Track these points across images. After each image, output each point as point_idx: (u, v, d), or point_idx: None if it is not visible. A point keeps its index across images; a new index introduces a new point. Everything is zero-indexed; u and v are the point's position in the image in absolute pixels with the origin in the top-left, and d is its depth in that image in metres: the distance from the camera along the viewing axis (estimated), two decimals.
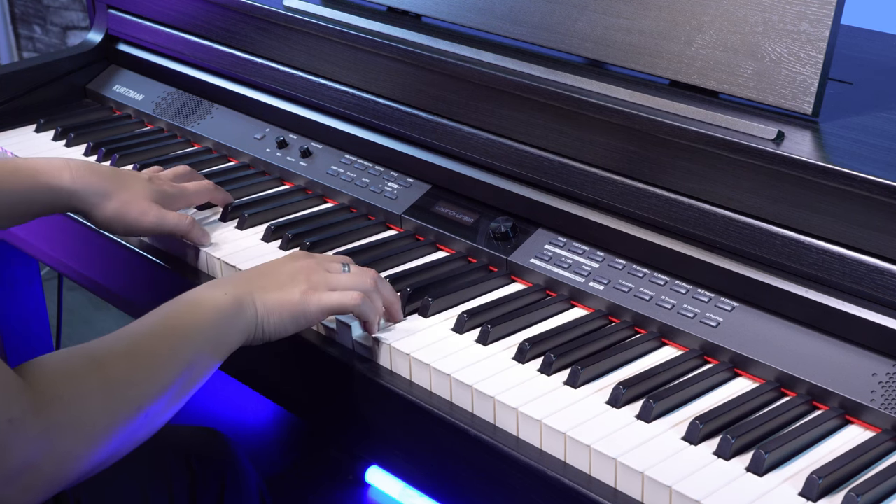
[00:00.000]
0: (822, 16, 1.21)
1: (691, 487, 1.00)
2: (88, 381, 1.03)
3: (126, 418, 1.05)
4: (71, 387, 1.01)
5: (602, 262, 1.30)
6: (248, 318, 1.18)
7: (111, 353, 1.07)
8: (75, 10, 3.99)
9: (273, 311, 1.19)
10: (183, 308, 1.16)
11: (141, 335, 1.11)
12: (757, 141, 1.19)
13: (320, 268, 1.25)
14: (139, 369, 1.08)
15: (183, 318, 1.14)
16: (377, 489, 2.03)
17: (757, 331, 1.17)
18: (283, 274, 1.23)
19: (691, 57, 1.31)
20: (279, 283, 1.21)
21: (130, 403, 1.06)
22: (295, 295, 1.20)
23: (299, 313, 1.21)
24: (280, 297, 1.20)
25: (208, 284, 1.21)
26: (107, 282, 1.62)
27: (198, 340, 1.13)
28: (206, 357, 1.14)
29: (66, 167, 1.39)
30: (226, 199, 1.55)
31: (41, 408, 0.97)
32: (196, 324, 1.14)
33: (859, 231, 1.11)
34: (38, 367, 1.02)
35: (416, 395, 1.18)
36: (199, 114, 1.83)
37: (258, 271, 1.25)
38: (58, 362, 1.04)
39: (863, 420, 1.09)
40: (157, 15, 1.90)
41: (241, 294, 1.18)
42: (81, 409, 1.01)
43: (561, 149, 1.36)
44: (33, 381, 0.99)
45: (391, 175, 1.54)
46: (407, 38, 1.53)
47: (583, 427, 1.08)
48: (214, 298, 1.17)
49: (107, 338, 1.10)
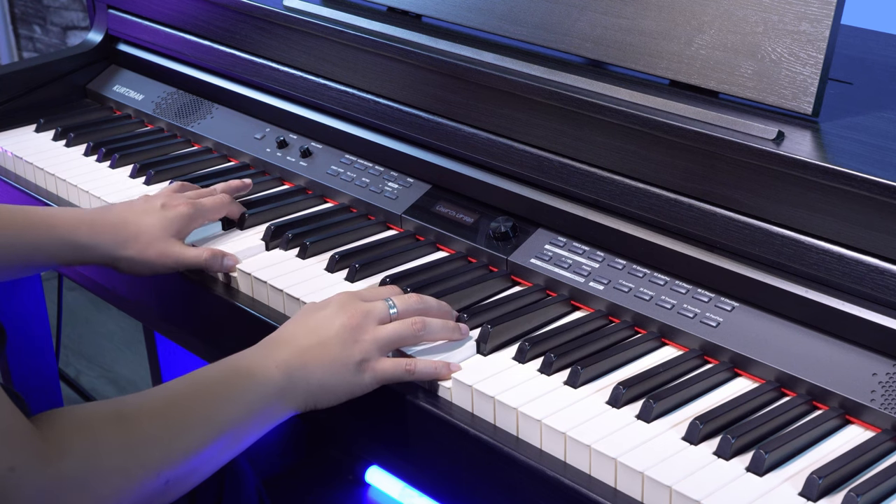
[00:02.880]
0: (822, 16, 1.21)
1: (691, 487, 1.00)
2: (108, 437, 0.99)
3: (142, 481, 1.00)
4: (87, 441, 0.97)
5: (602, 262, 1.30)
6: (298, 393, 1.13)
7: (140, 410, 1.03)
8: (75, 10, 3.99)
9: (327, 386, 1.14)
10: (230, 376, 1.10)
11: (178, 397, 1.06)
12: (757, 141, 1.19)
13: (369, 321, 1.17)
14: (167, 430, 1.03)
15: (228, 386, 1.09)
16: (377, 489, 2.03)
17: (757, 331, 1.17)
18: (333, 339, 1.15)
19: (691, 57, 1.31)
20: (331, 354, 1.14)
21: (150, 466, 1.01)
22: (350, 369, 1.14)
23: (355, 386, 1.15)
24: (334, 369, 1.14)
25: (260, 349, 1.15)
26: (107, 282, 1.62)
27: (239, 414, 1.08)
28: (244, 431, 1.09)
29: (82, 221, 1.36)
30: (239, 211, 1.51)
31: (50, 460, 0.94)
32: (240, 396, 1.09)
33: (859, 231, 1.11)
34: (59, 416, 0.98)
35: (416, 395, 1.18)
36: (199, 114, 1.83)
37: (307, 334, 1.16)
38: (80, 413, 1.00)
39: (863, 420, 1.09)
40: (157, 15, 1.90)
41: (292, 367, 1.12)
42: (95, 467, 0.97)
43: (561, 149, 1.36)
44: (47, 431, 0.95)
45: (391, 175, 1.54)
46: (407, 38, 1.53)
47: (583, 427, 1.08)
48: (265, 373, 1.11)
49: (142, 393, 1.06)
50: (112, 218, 1.39)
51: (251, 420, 1.10)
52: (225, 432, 1.07)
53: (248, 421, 1.09)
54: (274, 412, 1.12)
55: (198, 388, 1.08)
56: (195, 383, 1.09)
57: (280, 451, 2.14)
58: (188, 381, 1.09)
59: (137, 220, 1.38)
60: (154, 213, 1.40)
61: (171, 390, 1.07)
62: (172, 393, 1.07)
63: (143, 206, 1.41)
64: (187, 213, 1.41)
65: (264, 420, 1.11)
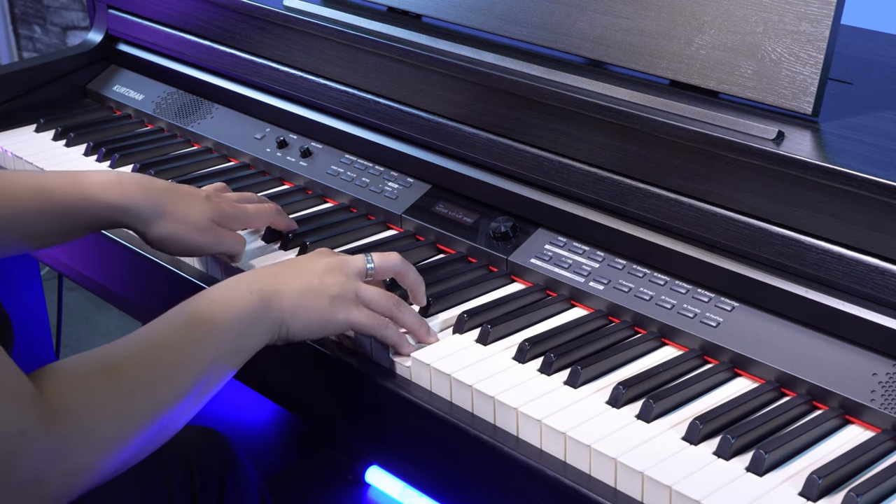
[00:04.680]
0: (822, 16, 1.21)
1: (691, 487, 1.00)
2: (101, 392, 1.00)
3: (138, 429, 1.02)
4: (83, 398, 0.99)
5: (602, 262, 1.30)
6: (272, 317, 1.14)
7: (126, 361, 1.04)
8: (75, 10, 3.99)
9: (300, 312, 1.16)
10: (203, 308, 1.11)
11: (158, 340, 1.07)
12: (757, 141, 1.19)
13: (349, 267, 1.21)
14: (154, 379, 1.04)
15: (203, 321, 1.10)
16: (377, 489, 2.03)
17: (757, 331, 1.17)
18: (309, 271, 1.18)
19: (691, 57, 1.31)
20: (307, 282, 1.17)
21: (144, 415, 1.02)
22: (325, 300, 1.17)
23: (327, 321, 1.17)
24: (309, 297, 1.16)
25: (232, 281, 1.16)
26: (107, 282, 1.62)
27: (218, 345, 1.09)
28: (225, 362, 1.10)
29: (117, 182, 1.33)
30: (289, 226, 1.46)
31: (53, 419, 0.95)
32: (217, 327, 1.10)
33: (859, 231, 1.11)
34: (51, 375, 0.99)
35: (416, 395, 1.18)
36: (199, 114, 1.83)
37: (284, 265, 1.20)
38: (71, 371, 1.01)
39: (863, 420, 1.09)
40: (157, 15, 1.90)
41: (266, 291, 1.14)
42: (93, 422, 0.99)
43: (561, 149, 1.36)
44: (46, 391, 0.96)
45: (391, 175, 1.54)
46: (407, 38, 1.53)
47: (583, 427, 1.08)
48: (238, 298, 1.13)
49: (123, 342, 1.07)
50: (152, 183, 1.36)
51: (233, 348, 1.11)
52: (208, 368, 1.08)
53: (229, 349, 1.11)
54: (250, 340, 1.13)
55: (175, 330, 1.09)
56: (172, 325, 1.10)
57: (280, 451, 2.14)
58: (165, 323, 1.10)
59: (180, 196, 1.36)
60: (199, 197, 1.37)
61: (151, 336, 1.08)
62: (152, 338, 1.08)
63: (189, 188, 1.39)
64: (230, 213, 1.39)
65: (241, 351, 1.12)
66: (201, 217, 1.35)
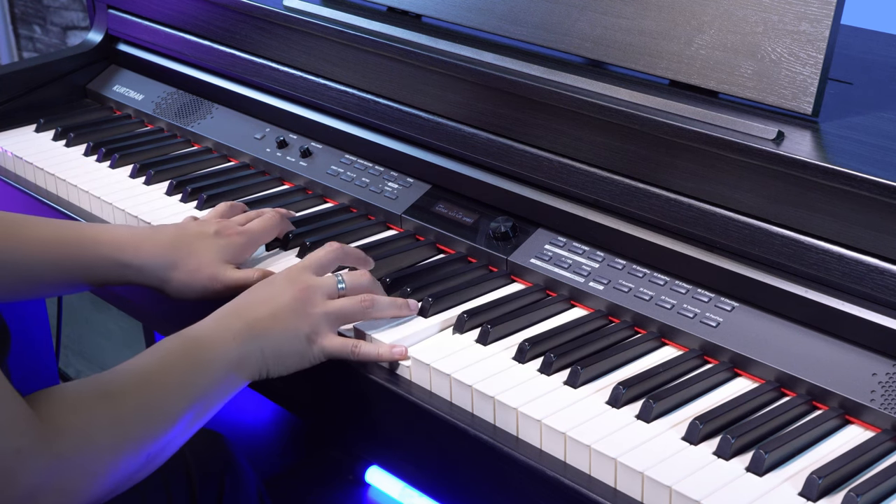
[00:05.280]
0: (822, 16, 1.21)
1: (691, 487, 1.00)
2: (98, 415, 1.04)
3: (132, 453, 1.06)
4: (81, 419, 1.02)
5: (602, 262, 1.30)
6: (252, 364, 1.18)
7: (122, 386, 1.08)
8: (75, 10, 3.99)
9: (280, 359, 1.20)
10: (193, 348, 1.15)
11: (153, 369, 1.11)
12: (757, 141, 1.19)
13: (318, 295, 1.23)
14: (149, 406, 1.08)
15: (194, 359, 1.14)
16: (377, 489, 2.03)
17: (757, 331, 1.17)
18: (283, 310, 1.21)
19: (691, 57, 1.31)
20: (284, 325, 1.20)
21: (138, 439, 1.06)
22: (300, 341, 1.21)
23: (304, 359, 1.22)
24: (285, 343, 1.20)
25: (217, 321, 1.20)
26: None
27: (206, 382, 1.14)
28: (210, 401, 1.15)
29: (130, 240, 1.34)
30: (286, 229, 1.47)
31: (51, 438, 0.98)
32: (206, 366, 1.14)
33: (859, 231, 1.11)
34: (50, 398, 1.02)
35: (416, 395, 1.18)
36: (199, 114, 1.83)
37: (260, 304, 1.22)
38: (70, 393, 1.04)
39: (863, 420, 1.09)
40: (157, 15, 1.90)
41: (247, 341, 1.18)
42: (90, 442, 1.02)
43: (561, 149, 1.36)
44: (45, 411, 0.99)
45: (391, 175, 1.54)
46: (407, 38, 1.53)
47: (583, 427, 1.08)
48: (225, 345, 1.16)
49: (119, 370, 1.10)
50: (163, 238, 1.36)
51: (216, 390, 1.15)
52: (194, 403, 1.12)
53: (213, 391, 1.15)
54: (232, 382, 1.17)
55: (168, 362, 1.13)
56: (165, 357, 1.13)
57: (280, 451, 2.14)
58: (157, 354, 1.13)
59: (191, 243, 1.35)
60: (208, 238, 1.36)
61: (145, 365, 1.12)
62: (147, 367, 1.11)
63: (197, 229, 1.38)
64: (241, 243, 1.38)
65: (225, 390, 1.17)
66: (212, 260, 1.34)
